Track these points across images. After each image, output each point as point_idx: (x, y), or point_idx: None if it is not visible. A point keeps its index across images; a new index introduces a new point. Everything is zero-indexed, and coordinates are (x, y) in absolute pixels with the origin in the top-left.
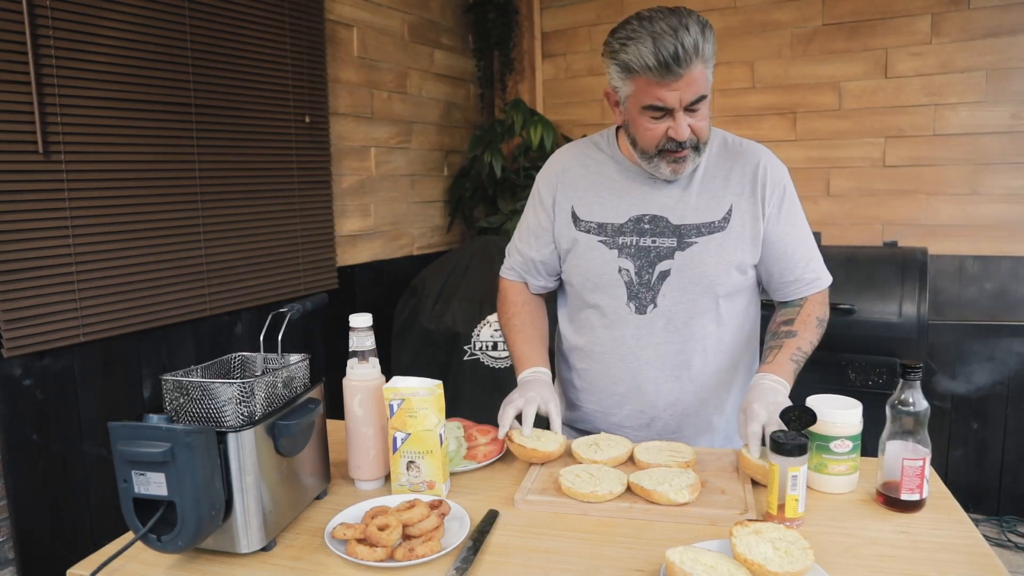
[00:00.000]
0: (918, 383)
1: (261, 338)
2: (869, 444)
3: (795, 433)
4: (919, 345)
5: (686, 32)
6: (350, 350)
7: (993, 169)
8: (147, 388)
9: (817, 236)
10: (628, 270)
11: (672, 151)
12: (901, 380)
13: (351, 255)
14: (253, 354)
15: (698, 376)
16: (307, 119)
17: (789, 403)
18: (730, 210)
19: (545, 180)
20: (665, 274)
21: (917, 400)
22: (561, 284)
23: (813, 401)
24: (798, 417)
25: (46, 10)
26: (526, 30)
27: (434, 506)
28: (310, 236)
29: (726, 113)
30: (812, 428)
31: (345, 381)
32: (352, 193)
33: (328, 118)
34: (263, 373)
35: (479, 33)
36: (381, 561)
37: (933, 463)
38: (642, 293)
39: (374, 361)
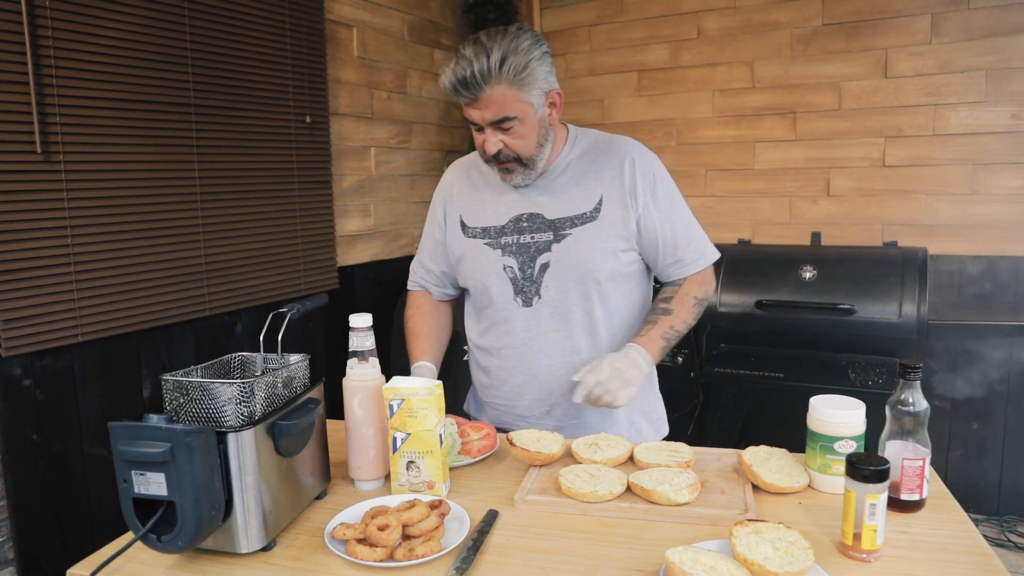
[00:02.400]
0: (918, 383)
1: (261, 338)
2: (869, 444)
3: (874, 456)
4: (919, 345)
5: (485, 58)
6: (350, 350)
7: (993, 169)
8: (147, 388)
9: (817, 236)
10: (512, 267)
11: (494, 161)
12: (901, 380)
13: (351, 255)
14: (253, 354)
15: (590, 360)
16: (307, 119)
17: (639, 377)
18: (600, 200)
19: (439, 195)
20: (545, 266)
21: (917, 400)
22: (465, 291)
23: (816, 401)
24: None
25: (45, 10)
26: None
27: (434, 506)
28: (310, 236)
29: (726, 113)
30: (815, 428)
31: (345, 381)
32: (352, 193)
33: (328, 118)
34: (263, 373)
35: None
36: (381, 561)
37: (933, 463)
38: (527, 287)
39: (374, 361)
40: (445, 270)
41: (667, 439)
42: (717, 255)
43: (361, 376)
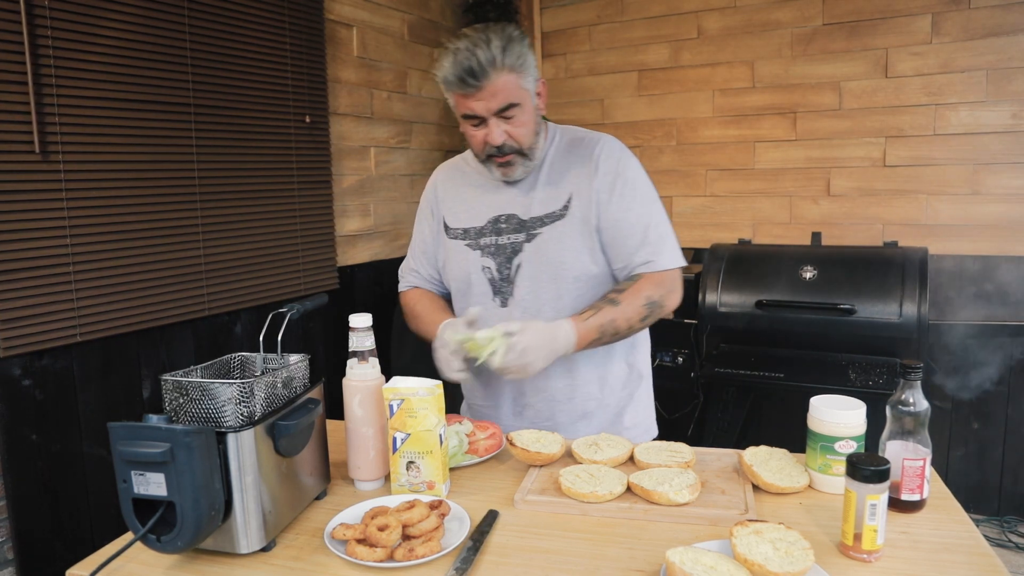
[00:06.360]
0: (918, 383)
1: (261, 338)
2: (869, 444)
3: (875, 456)
4: (919, 345)
5: (485, 47)
6: (350, 350)
7: (994, 169)
8: (147, 388)
9: (817, 236)
10: (490, 268)
11: (495, 156)
12: (901, 380)
13: (351, 255)
14: (253, 354)
15: (562, 361)
16: (307, 119)
17: (549, 357)
18: (570, 198)
19: (426, 200)
20: (520, 267)
21: (917, 400)
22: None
23: (817, 401)
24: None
25: (44, 9)
26: (526, 30)
27: (434, 506)
28: (310, 236)
29: (726, 113)
30: (816, 428)
31: (345, 381)
32: (352, 193)
33: (328, 118)
34: (263, 373)
35: None
36: (381, 561)
37: (933, 463)
38: (504, 288)
39: (374, 361)
40: (433, 274)
41: (666, 439)
42: (675, 264)
43: (361, 376)
